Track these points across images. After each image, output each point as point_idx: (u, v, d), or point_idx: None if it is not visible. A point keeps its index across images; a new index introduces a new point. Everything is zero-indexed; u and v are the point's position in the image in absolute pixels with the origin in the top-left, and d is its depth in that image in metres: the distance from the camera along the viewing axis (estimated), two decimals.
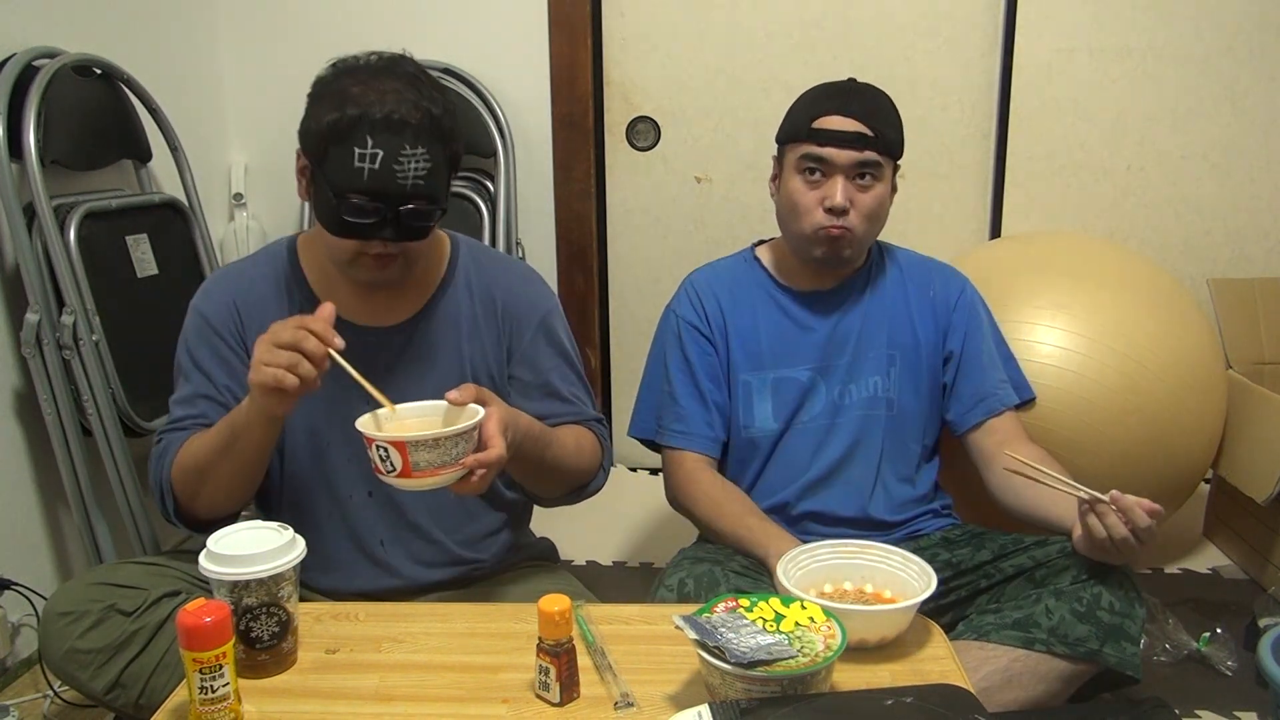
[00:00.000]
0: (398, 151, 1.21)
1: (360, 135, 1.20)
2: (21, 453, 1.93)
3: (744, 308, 1.60)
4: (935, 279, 1.64)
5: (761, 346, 1.58)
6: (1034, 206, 2.68)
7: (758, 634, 1.00)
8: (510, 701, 1.03)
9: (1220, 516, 2.36)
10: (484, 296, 1.43)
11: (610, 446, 1.53)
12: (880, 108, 1.51)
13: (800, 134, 1.50)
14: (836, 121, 1.47)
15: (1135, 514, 1.21)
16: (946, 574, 1.44)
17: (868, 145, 1.47)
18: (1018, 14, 2.55)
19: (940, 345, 1.61)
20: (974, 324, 1.62)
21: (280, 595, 1.07)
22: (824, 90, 1.53)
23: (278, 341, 1.13)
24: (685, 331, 1.60)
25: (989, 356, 1.62)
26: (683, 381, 1.60)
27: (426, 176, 1.24)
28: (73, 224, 1.88)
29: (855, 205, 1.48)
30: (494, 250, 1.56)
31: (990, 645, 1.30)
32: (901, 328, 1.59)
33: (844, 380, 1.57)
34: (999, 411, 1.59)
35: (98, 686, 1.28)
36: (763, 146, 2.69)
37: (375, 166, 1.21)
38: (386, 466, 1.11)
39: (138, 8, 2.30)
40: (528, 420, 1.30)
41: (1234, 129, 2.59)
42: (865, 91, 1.52)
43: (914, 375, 1.59)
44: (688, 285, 1.64)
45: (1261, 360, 2.29)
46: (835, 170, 1.47)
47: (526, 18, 2.60)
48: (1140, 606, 1.32)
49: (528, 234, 2.70)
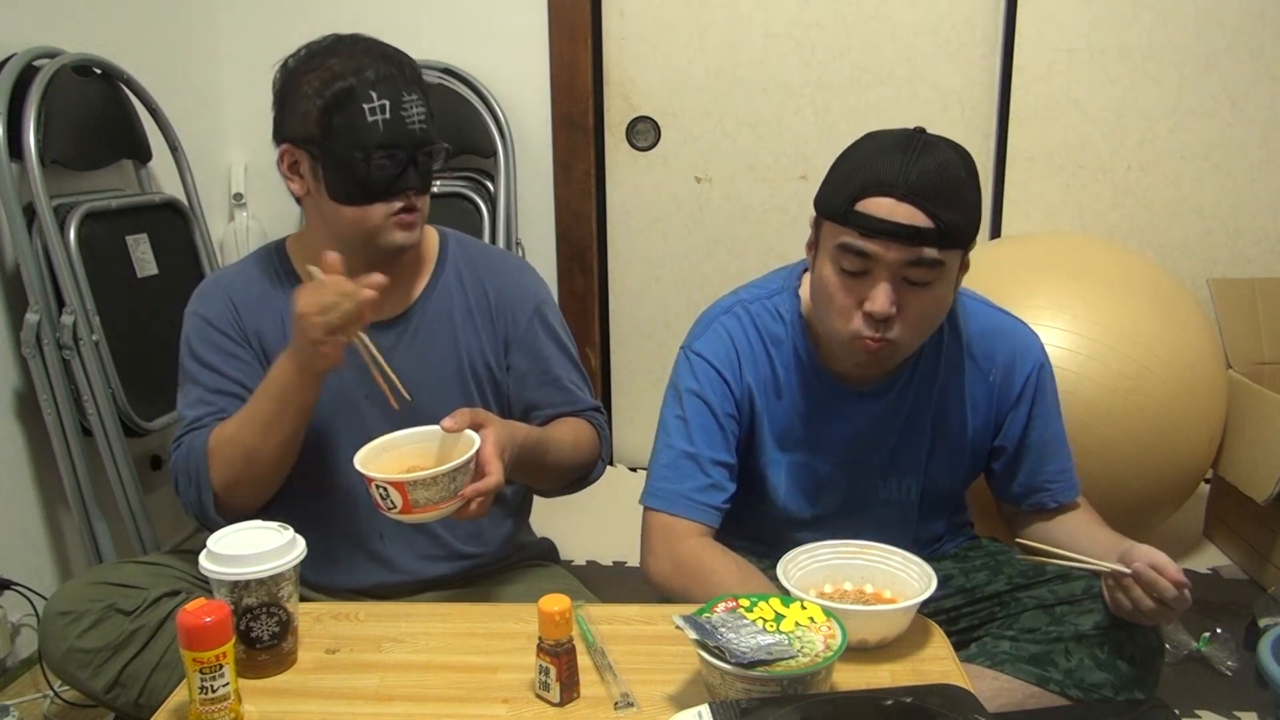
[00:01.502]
0: (400, 100, 1.27)
1: (364, 92, 1.25)
2: (21, 453, 1.93)
3: (777, 378, 1.35)
4: (999, 358, 1.35)
5: (789, 426, 1.35)
6: (1034, 206, 2.68)
7: (758, 634, 1.00)
8: (510, 701, 1.03)
9: (1220, 516, 2.36)
10: (476, 289, 1.43)
11: (609, 436, 1.53)
12: (949, 181, 1.15)
13: (839, 214, 1.17)
14: (886, 206, 1.14)
15: (1160, 586, 1.12)
16: (960, 599, 1.37)
17: (925, 240, 1.14)
18: (1018, 14, 2.55)
19: (990, 436, 1.38)
20: (1035, 415, 1.36)
21: (280, 595, 1.07)
22: (875, 151, 1.18)
23: (323, 300, 1.18)
24: (712, 380, 1.34)
25: (1047, 449, 1.38)
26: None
27: (426, 120, 1.30)
28: (73, 224, 1.88)
29: (903, 311, 1.18)
30: (482, 242, 1.56)
31: (1004, 677, 1.27)
32: (951, 417, 1.35)
33: (874, 478, 1.37)
34: (1047, 508, 1.39)
35: (98, 686, 1.28)
36: (763, 146, 2.70)
37: (387, 117, 1.26)
38: (387, 504, 1.14)
39: (138, 8, 2.30)
40: (524, 432, 1.31)
41: (1234, 129, 2.59)
42: (930, 154, 1.15)
43: (953, 463, 1.39)
44: (717, 327, 1.36)
45: (1261, 360, 2.28)
46: (880, 269, 1.16)
47: (526, 18, 2.60)
48: (1161, 657, 1.28)
49: (528, 234, 2.70)
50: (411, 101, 1.28)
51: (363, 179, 1.27)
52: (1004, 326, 1.38)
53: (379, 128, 1.26)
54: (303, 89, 1.27)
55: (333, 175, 1.28)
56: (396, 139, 1.27)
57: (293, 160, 1.32)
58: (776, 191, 2.68)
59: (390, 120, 1.26)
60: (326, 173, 1.29)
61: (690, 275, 2.80)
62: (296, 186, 1.33)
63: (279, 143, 1.33)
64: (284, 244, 1.44)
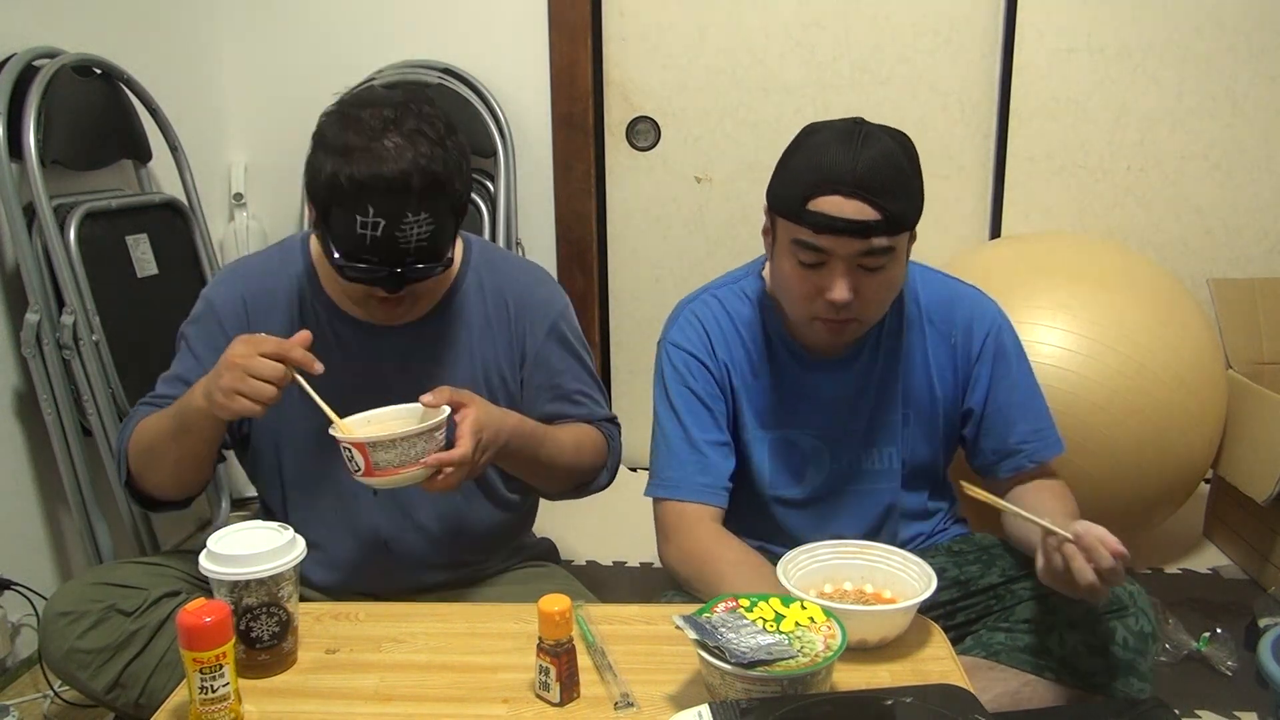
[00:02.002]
0: (400, 219, 1.18)
1: (362, 204, 1.17)
2: (21, 453, 1.93)
3: (750, 356, 1.40)
4: (958, 322, 1.41)
5: (768, 403, 1.40)
6: (1034, 206, 2.68)
7: (758, 634, 1.00)
8: (510, 701, 1.03)
9: (1220, 516, 2.36)
10: (496, 298, 1.43)
11: (619, 447, 1.53)
12: (892, 172, 1.21)
13: (791, 213, 1.24)
14: (835, 204, 1.20)
15: (1098, 552, 1.09)
16: (955, 592, 1.38)
17: (874, 232, 1.20)
18: (1018, 14, 2.55)
19: (959, 401, 1.42)
20: (999, 374, 1.40)
21: (280, 595, 1.07)
22: (820, 148, 1.23)
23: (250, 370, 1.15)
24: (690, 365, 1.40)
25: (1016, 409, 1.41)
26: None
27: (429, 238, 1.21)
28: (73, 224, 1.88)
29: (860, 293, 1.24)
30: (506, 251, 1.56)
31: (1000, 666, 1.28)
32: (918, 385, 1.40)
33: (857, 448, 1.41)
34: (1025, 469, 1.40)
35: (98, 686, 1.28)
36: (763, 146, 2.70)
37: (378, 234, 1.18)
38: (353, 466, 1.16)
39: (138, 8, 2.30)
40: (517, 419, 1.31)
41: (1234, 129, 2.59)
42: (871, 146, 1.21)
43: (929, 432, 1.43)
44: (687, 314, 1.43)
45: (1261, 360, 2.28)
46: (835, 260, 1.23)
47: (526, 18, 2.60)
48: (1155, 643, 1.28)
49: (528, 234, 2.70)
50: (415, 222, 1.19)
51: (339, 267, 1.23)
52: (961, 293, 1.44)
53: (365, 241, 1.19)
54: (323, 150, 1.20)
55: (322, 242, 1.25)
56: (381, 256, 1.20)
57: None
58: None
59: (380, 239, 1.18)
60: (323, 235, 1.25)
61: (690, 275, 2.80)
62: (312, 220, 1.30)
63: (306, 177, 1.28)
64: (309, 241, 1.42)
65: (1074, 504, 1.35)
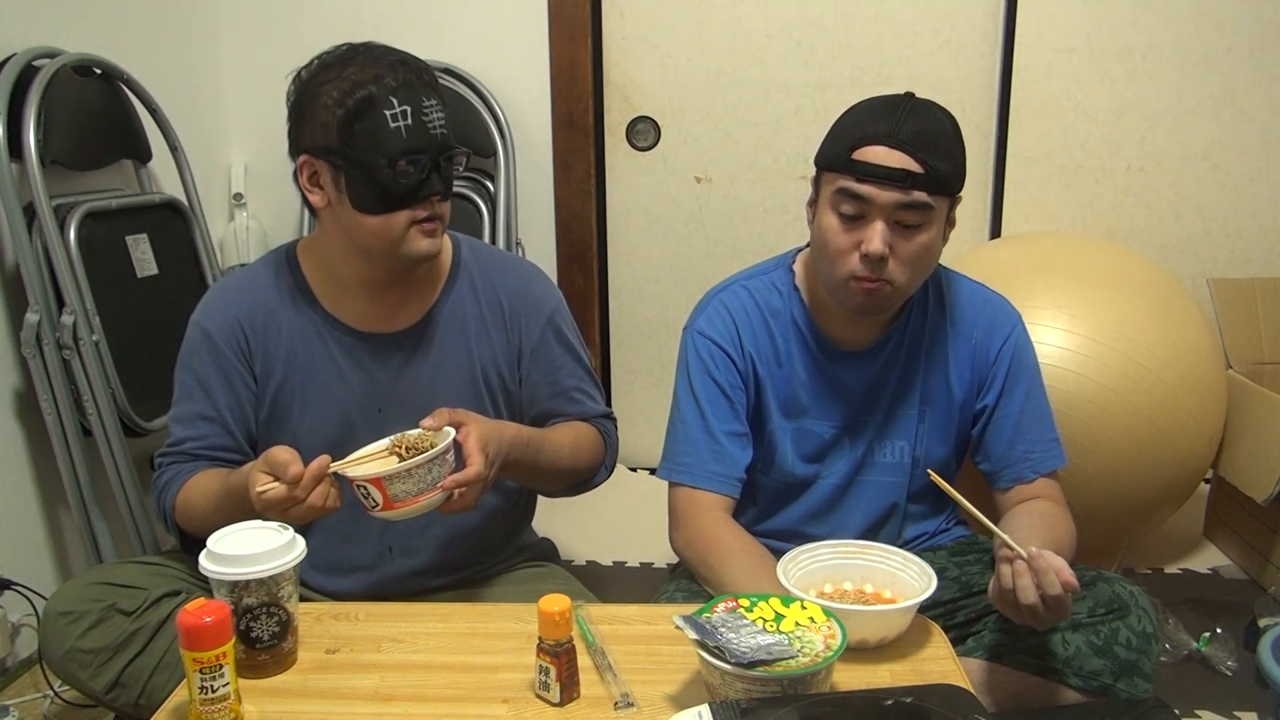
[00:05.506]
0: (421, 105, 1.26)
1: (385, 99, 1.24)
2: (21, 453, 1.93)
3: (777, 347, 1.42)
4: (981, 322, 1.43)
5: (791, 393, 1.42)
6: (1034, 206, 2.68)
7: (758, 634, 1.00)
8: (510, 701, 1.03)
9: (1220, 516, 2.36)
10: (489, 297, 1.43)
11: (616, 443, 1.53)
12: (937, 134, 1.26)
13: (838, 163, 1.28)
14: (880, 154, 1.24)
15: (1047, 577, 1.09)
16: (956, 592, 1.38)
17: (915, 184, 1.24)
18: (1018, 14, 2.55)
19: (974, 400, 1.44)
20: (1013, 380, 1.42)
21: (280, 595, 1.07)
22: (870, 110, 1.29)
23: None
24: (715, 355, 1.42)
25: (1026, 417, 1.42)
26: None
27: (446, 124, 1.30)
28: (73, 224, 1.88)
29: (896, 253, 1.27)
30: (495, 248, 1.56)
31: (1002, 669, 1.28)
32: (936, 381, 1.42)
33: (872, 440, 1.43)
34: (1027, 479, 1.41)
35: (98, 686, 1.28)
36: (763, 146, 2.70)
37: (409, 123, 1.25)
38: (370, 503, 1.15)
39: (138, 8, 2.30)
40: (514, 430, 1.31)
41: (1234, 129, 2.59)
42: (920, 113, 1.27)
43: (943, 430, 1.44)
44: (716, 303, 1.44)
45: (1261, 360, 2.29)
46: (875, 211, 1.25)
47: (526, 18, 2.60)
48: (1157, 643, 1.28)
49: (528, 234, 2.70)
50: (431, 107, 1.27)
51: (387, 186, 1.26)
52: (987, 297, 1.47)
53: (402, 134, 1.25)
54: (321, 99, 1.26)
55: (356, 185, 1.27)
56: (419, 145, 1.26)
57: (312, 171, 1.30)
58: (776, 191, 2.68)
59: (412, 126, 1.25)
60: (349, 182, 1.27)
61: (690, 275, 2.80)
62: (317, 199, 1.31)
63: (296, 155, 1.31)
64: (295, 252, 1.42)
65: (1064, 537, 1.33)
